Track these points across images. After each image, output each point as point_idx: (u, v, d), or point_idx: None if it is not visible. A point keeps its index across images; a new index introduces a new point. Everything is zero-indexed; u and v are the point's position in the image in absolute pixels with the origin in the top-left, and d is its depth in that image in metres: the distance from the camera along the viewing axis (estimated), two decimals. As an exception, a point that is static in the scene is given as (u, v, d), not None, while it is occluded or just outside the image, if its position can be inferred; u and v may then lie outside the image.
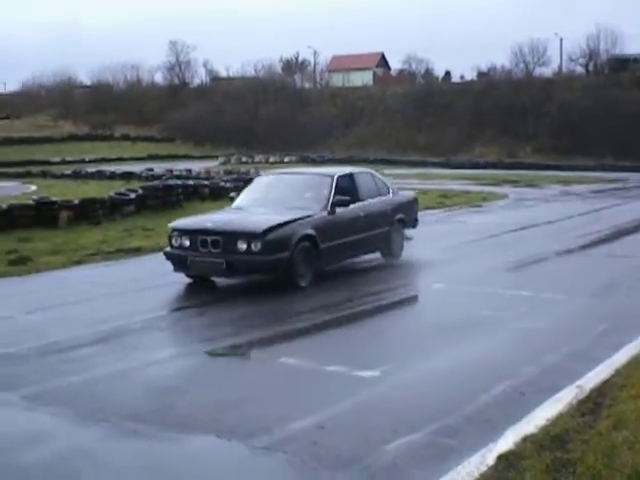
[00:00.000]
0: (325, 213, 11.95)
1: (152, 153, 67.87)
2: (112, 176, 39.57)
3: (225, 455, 5.52)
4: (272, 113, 78.89)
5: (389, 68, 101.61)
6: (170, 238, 11.69)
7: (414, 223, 14.95)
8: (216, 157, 64.56)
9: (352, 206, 12.59)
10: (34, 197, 20.89)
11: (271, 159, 63.04)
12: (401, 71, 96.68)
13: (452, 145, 69.27)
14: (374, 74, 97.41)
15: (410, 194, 15.69)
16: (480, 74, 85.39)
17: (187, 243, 11.36)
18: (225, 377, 7.33)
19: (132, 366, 7.66)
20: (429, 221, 20.80)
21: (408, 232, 14.58)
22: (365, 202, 13.08)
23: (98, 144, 76.37)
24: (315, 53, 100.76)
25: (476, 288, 11.45)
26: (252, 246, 10.83)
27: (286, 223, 11.24)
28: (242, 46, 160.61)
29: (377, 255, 13.86)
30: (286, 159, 63.03)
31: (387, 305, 10.43)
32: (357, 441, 5.65)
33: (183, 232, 11.53)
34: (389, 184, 14.49)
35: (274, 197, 12.80)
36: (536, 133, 67.28)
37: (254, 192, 13.37)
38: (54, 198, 20.15)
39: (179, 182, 25.17)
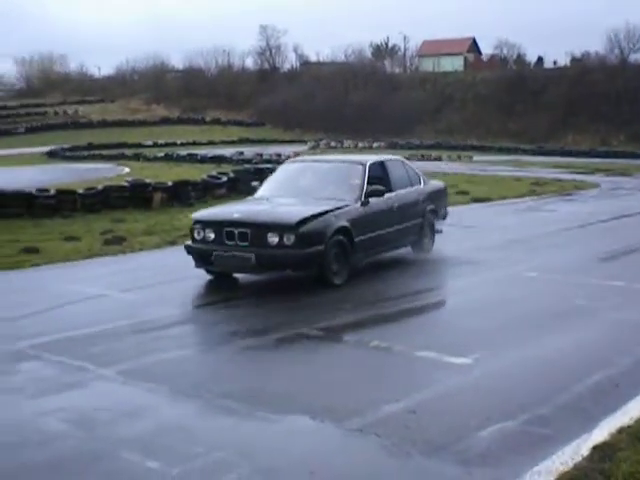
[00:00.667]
0: (358, 204, 11.09)
1: (242, 137, 68.57)
2: (203, 159, 40.13)
3: (318, 436, 5.56)
4: (361, 98, 78.71)
5: (480, 53, 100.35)
6: (192, 230, 10.77)
7: (444, 215, 14.02)
8: (305, 142, 64.85)
9: (386, 196, 11.71)
10: (128, 179, 21.36)
11: (359, 144, 62.95)
12: (492, 56, 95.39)
13: (543, 132, 68.17)
14: (465, 59, 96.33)
15: (440, 184, 14.55)
16: (574, 60, 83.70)
17: (211, 236, 10.45)
18: (317, 359, 7.39)
19: (224, 345, 7.81)
20: (520, 209, 20.58)
21: (438, 225, 13.54)
22: (398, 192, 12.26)
23: (189, 128, 77.51)
24: (405, 38, 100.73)
25: (569, 277, 11.25)
26: (284, 239, 9.98)
27: (320, 214, 10.38)
28: (332, 31, 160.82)
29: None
30: (375, 145, 62.86)
31: (476, 293, 10.35)
32: (449, 426, 5.63)
33: (207, 224, 10.59)
34: (420, 173, 13.55)
35: (302, 186, 11.82)
36: (630, 121, 65.57)
37: (280, 181, 12.36)
38: (148, 180, 20.59)
39: (269, 165, 25.31)
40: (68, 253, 13.13)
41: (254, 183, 12.79)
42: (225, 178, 22.16)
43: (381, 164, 12.38)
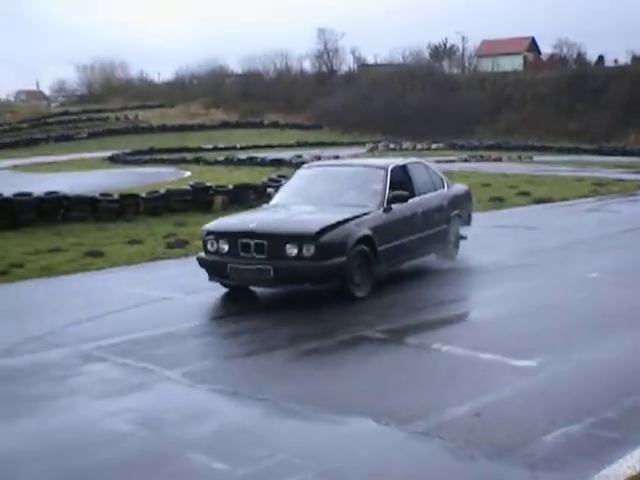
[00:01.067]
0: (381, 211, 10.47)
1: (300, 140, 68.71)
2: (262, 162, 40.36)
3: (382, 439, 5.56)
4: (419, 100, 78.39)
5: (539, 53, 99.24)
6: (205, 242, 10.18)
7: (469, 220, 13.33)
8: (363, 144, 64.73)
9: (409, 202, 11.07)
10: (190, 182, 21.59)
11: (418, 146, 62.69)
12: (552, 56, 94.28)
13: (604, 132, 67.13)
14: (524, 59, 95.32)
15: (464, 187, 13.94)
16: (635, 58, 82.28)
17: (226, 248, 9.84)
18: (380, 362, 7.37)
19: (287, 348, 7.87)
20: (582, 210, 20.33)
21: (462, 230, 12.81)
22: (421, 197, 11.60)
23: (248, 131, 77.99)
24: (463, 38, 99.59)
25: (632, 279, 11.11)
26: (304, 250, 9.38)
27: (341, 223, 9.76)
28: (390, 33, 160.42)
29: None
30: (434, 146, 62.61)
31: (539, 294, 10.24)
32: (514, 430, 5.60)
33: (221, 235, 9.99)
34: (443, 176, 12.92)
35: (321, 193, 11.13)
36: (696, 120, 64.33)
37: (296, 187, 11.66)
38: (209, 183, 20.77)
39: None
40: (131, 256, 13.33)
41: (269, 189, 11.78)
42: (284, 181, 22.21)
43: (403, 168, 11.73)
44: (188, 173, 33.92)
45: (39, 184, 24.89)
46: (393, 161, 12.12)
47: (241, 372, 7.09)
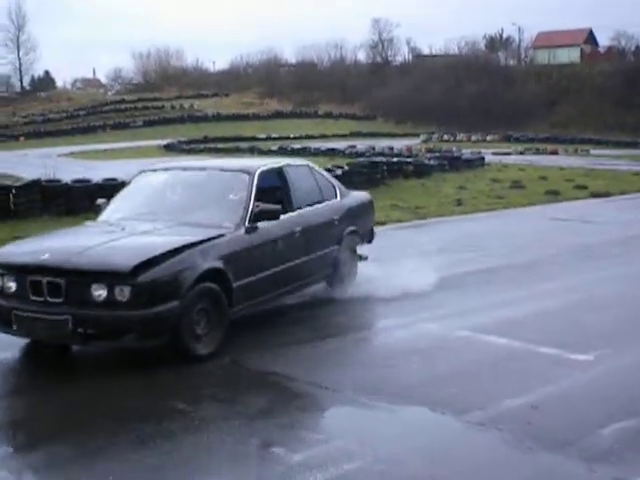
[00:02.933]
0: (241, 231, 7.75)
1: (354, 130, 68.74)
2: (316, 152, 40.49)
3: (438, 428, 5.60)
4: (475, 91, 77.88)
5: (597, 45, 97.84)
6: None
7: (370, 236, 10.73)
8: (417, 135, 64.60)
9: (283, 218, 8.37)
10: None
11: (473, 137, 62.38)
12: (610, 48, 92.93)
13: (663, 126, 66.12)
14: (581, 51, 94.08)
15: (364, 196, 10.98)
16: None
17: (13, 287, 6.97)
18: (437, 353, 7.39)
19: (345, 335, 7.93)
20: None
21: (361, 250, 10.30)
22: (302, 211, 8.95)
23: (302, 121, 78.20)
24: (520, 30, 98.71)
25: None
26: (116, 293, 6.61)
27: (176, 251, 6.96)
28: (446, 24, 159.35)
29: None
30: (488, 137, 62.24)
31: (595, 289, 10.17)
32: (571, 423, 5.60)
33: (6, 268, 7.08)
34: (336, 182, 10.26)
35: (165, 206, 8.39)
36: None
37: (134, 198, 8.83)
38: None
39: (383, 159, 25.34)
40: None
41: (100, 201, 8.90)
42: (339, 171, 22.29)
43: (277, 172, 8.98)
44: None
45: (96, 171, 25.30)
46: (263, 163, 9.08)
47: (294, 359, 7.16)
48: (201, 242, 7.26)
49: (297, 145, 46.25)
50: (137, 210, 8.43)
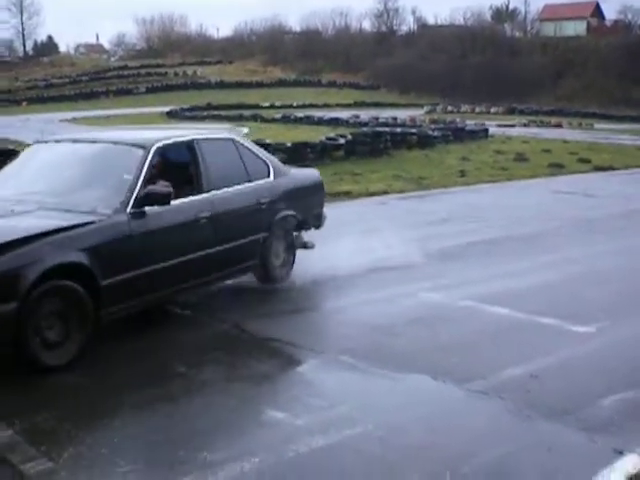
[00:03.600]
0: (121, 218, 6.57)
1: (357, 100, 68.49)
2: (319, 121, 40.36)
3: (440, 396, 5.63)
4: (480, 62, 77.56)
5: (603, 18, 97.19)
6: None
7: (317, 221, 9.48)
8: (421, 106, 64.34)
9: (186, 201, 7.37)
10: (249, 139, 21.70)
11: (477, 109, 62.18)
12: (616, 22, 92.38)
13: (668, 100, 65.86)
14: (587, 24, 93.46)
15: (310, 175, 9.82)
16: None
17: None
18: (439, 322, 7.41)
19: (349, 303, 7.93)
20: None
21: (305, 236, 9.31)
22: (217, 193, 7.74)
23: (305, 90, 77.91)
24: (526, 1, 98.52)
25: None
26: None
27: (24, 241, 5.88)
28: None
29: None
30: (492, 109, 62.04)
31: (595, 262, 10.16)
32: (571, 393, 5.63)
33: None
34: (270, 159, 8.95)
35: (40, 185, 7.25)
36: None
37: (16, 173, 7.88)
38: (267, 140, 20.84)
39: (387, 129, 25.28)
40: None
41: None
42: (343, 140, 22.29)
43: (188, 147, 7.82)
44: (245, 130, 34.04)
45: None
46: (167, 136, 7.88)
47: (298, 326, 7.19)
48: (58, 231, 6.11)
49: (300, 114, 46.05)
50: (10, 188, 7.31)
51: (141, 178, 6.90)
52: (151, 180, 7.07)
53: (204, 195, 7.59)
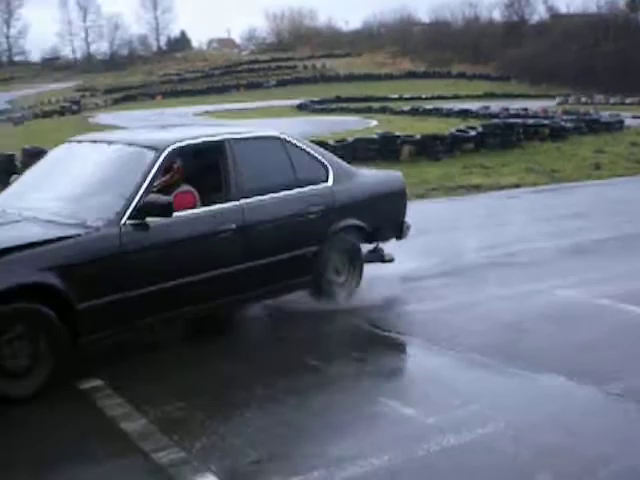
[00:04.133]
0: (113, 230, 5.80)
1: (487, 91, 67.56)
2: (449, 113, 39.96)
3: (575, 397, 5.43)
4: (613, 51, 75.22)
5: None
6: None
7: (396, 232, 8.27)
8: (552, 97, 62.93)
9: (203, 210, 6.53)
10: (378, 131, 21.68)
11: (611, 100, 60.33)
12: None
13: None
14: None
15: (389, 178, 8.66)
16: None
17: None
18: (572, 320, 7.17)
19: (478, 299, 7.79)
20: None
21: (385, 248, 8.22)
22: (250, 200, 6.75)
23: (434, 82, 77.36)
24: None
25: None
26: None
27: None
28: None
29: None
30: (628, 100, 60.03)
31: None
32: None
33: None
34: (331, 162, 7.72)
35: (44, 191, 6.73)
36: None
37: (32, 176, 7.24)
38: (397, 133, 20.76)
39: (518, 121, 24.78)
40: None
41: (13, 177, 7.55)
42: (474, 132, 21.96)
43: (215, 147, 6.87)
44: (374, 122, 34.02)
45: (231, 130, 25.57)
46: (196, 135, 7.06)
47: (430, 322, 7.07)
48: (25, 247, 5.45)
49: (429, 105, 45.72)
50: (18, 193, 6.88)
51: (144, 185, 6.09)
52: (172, 186, 6.64)
53: (232, 203, 6.65)
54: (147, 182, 6.11)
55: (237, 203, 6.66)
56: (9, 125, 43.68)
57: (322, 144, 19.33)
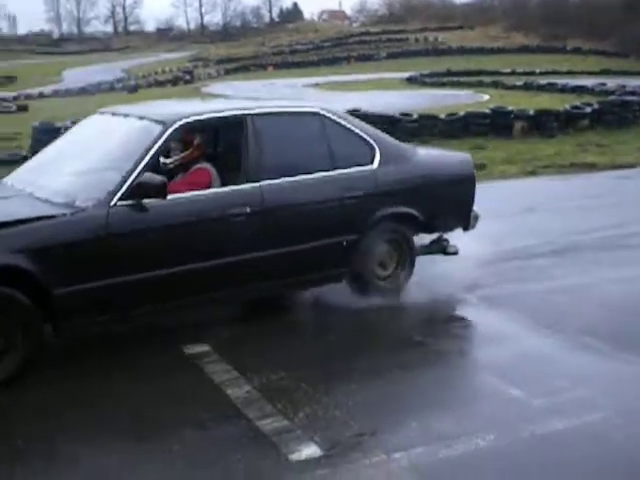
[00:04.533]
0: (101, 212, 5.37)
1: (604, 68, 65.60)
2: (563, 89, 38.96)
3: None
4: None
5: None
6: None
7: (461, 221, 7.43)
8: (673, 74, 60.70)
9: (212, 192, 6.03)
10: (489, 106, 21.32)
11: None
12: None
13: None
14: None
15: (454, 160, 7.70)
16: None
17: None
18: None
19: (590, 281, 7.56)
20: None
21: (449, 239, 7.48)
22: (271, 182, 6.13)
23: (548, 57, 75.48)
24: None
25: None
26: None
27: None
28: None
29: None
30: None
31: None
32: None
33: None
34: (377, 140, 6.90)
35: (64, 163, 6.39)
36: None
37: (52, 150, 6.86)
38: (509, 108, 20.36)
39: (636, 98, 23.96)
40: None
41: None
42: (589, 109, 21.31)
43: (233, 123, 6.35)
44: (486, 97, 33.49)
45: (340, 102, 25.62)
46: (215, 109, 6.59)
47: (538, 302, 6.89)
48: (9, 224, 5.14)
49: (542, 81, 44.63)
50: (37, 166, 6.65)
51: (143, 162, 5.61)
52: (191, 163, 6.31)
53: (249, 185, 6.06)
54: (146, 159, 5.64)
55: (255, 185, 6.07)
56: (123, 93, 44.82)
57: (432, 118, 19.33)
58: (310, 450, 4.30)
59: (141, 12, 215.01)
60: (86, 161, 6.13)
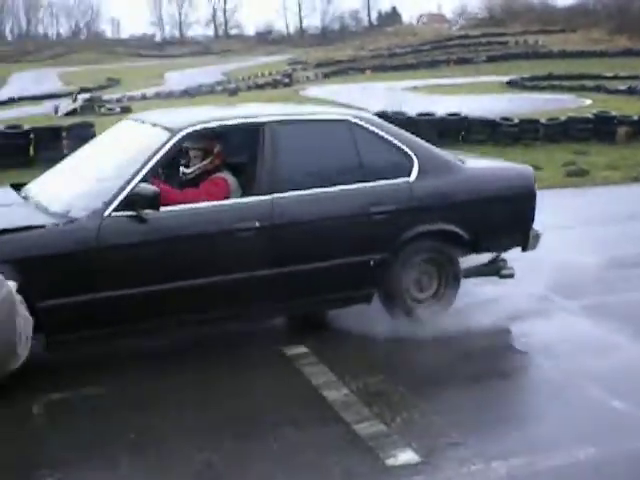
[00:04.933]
0: (92, 223, 5.13)
1: None
2: (667, 95, 38.01)
3: None
4: None
5: None
6: None
7: (518, 241, 6.68)
8: None
9: (217, 204, 5.61)
10: (592, 111, 20.92)
11: None
12: None
13: None
14: None
15: (510, 173, 6.95)
16: None
17: None
18: None
19: None
20: None
21: (505, 260, 6.78)
22: (284, 195, 5.67)
23: (654, 60, 73.64)
24: None
25: None
26: None
27: None
28: None
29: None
30: None
31: None
32: None
33: None
34: (417, 150, 6.26)
35: (67, 174, 6.23)
36: None
37: (78, 155, 6.61)
38: (613, 113, 19.93)
39: None
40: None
41: None
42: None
43: (248, 131, 5.98)
44: (588, 101, 32.82)
45: (439, 105, 25.45)
46: (232, 115, 6.21)
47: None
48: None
49: (647, 85, 43.63)
50: (57, 173, 6.40)
51: (143, 171, 5.36)
52: (211, 172, 5.94)
53: (258, 198, 5.64)
54: (148, 168, 5.38)
55: (265, 198, 5.64)
56: (224, 95, 45.47)
57: (533, 122, 19.07)
58: (407, 456, 4.27)
59: (241, 16, 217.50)
60: (96, 169, 5.98)
